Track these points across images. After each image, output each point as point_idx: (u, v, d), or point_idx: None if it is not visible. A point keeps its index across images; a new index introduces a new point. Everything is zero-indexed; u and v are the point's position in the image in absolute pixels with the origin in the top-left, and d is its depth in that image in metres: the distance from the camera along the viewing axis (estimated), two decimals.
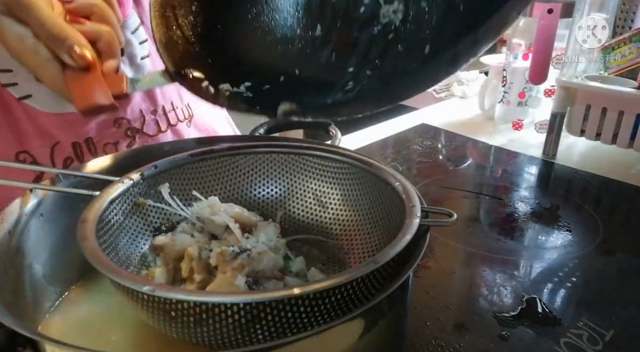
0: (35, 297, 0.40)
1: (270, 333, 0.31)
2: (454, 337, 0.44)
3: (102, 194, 0.39)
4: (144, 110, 0.63)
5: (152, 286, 0.29)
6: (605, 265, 0.56)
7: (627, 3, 1.00)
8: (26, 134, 0.55)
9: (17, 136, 0.55)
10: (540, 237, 0.63)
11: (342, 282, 0.30)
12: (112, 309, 0.41)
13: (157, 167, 0.45)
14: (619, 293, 0.51)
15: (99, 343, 0.38)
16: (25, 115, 0.55)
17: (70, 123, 0.57)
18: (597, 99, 0.81)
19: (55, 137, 0.57)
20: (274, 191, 0.50)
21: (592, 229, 0.63)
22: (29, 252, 0.39)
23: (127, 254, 0.41)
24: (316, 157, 0.49)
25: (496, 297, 0.50)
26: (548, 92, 0.93)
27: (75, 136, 0.58)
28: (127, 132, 0.62)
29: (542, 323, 0.46)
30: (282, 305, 0.30)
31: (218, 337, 0.31)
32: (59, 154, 0.57)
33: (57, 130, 0.57)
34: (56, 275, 0.42)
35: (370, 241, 0.45)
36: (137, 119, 0.63)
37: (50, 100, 0.56)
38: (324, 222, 0.49)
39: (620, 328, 0.45)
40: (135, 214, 0.43)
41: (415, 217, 0.36)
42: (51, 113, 0.56)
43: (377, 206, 0.45)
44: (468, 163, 0.88)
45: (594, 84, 0.82)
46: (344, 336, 0.30)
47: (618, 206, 0.73)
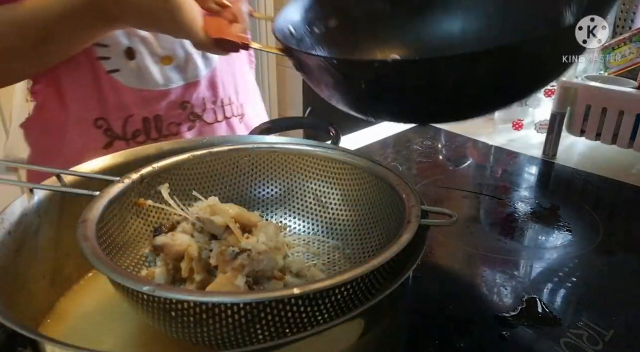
0: (35, 297, 0.40)
1: (270, 333, 0.31)
2: (454, 337, 0.44)
3: (102, 194, 0.39)
4: (206, 98, 0.71)
5: (152, 286, 0.29)
6: (605, 265, 0.56)
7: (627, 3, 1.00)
8: (107, 104, 0.64)
9: (99, 104, 0.64)
10: (540, 237, 0.63)
11: (342, 282, 0.30)
12: (112, 309, 0.41)
13: (157, 167, 0.45)
14: (619, 293, 0.51)
15: (99, 343, 0.38)
16: (110, 87, 0.63)
17: (145, 99, 0.65)
18: (597, 99, 0.81)
19: (130, 110, 0.65)
20: (274, 191, 0.51)
21: (592, 229, 0.63)
22: (29, 252, 0.39)
23: (127, 254, 0.42)
24: (316, 157, 0.49)
25: (496, 297, 0.50)
26: (548, 92, 0.93)
27: (147, 112, 0.66)
28: (190, 116, 0.70)
29: (542, 323, 0.46)
30: (282, 305, 0.30)
31: (218, 337, 0.31)
32: (130, 125, 0.65)
33: (133, 105, 0.65)
34: (56, 275, 0.42)
35: (370, 241, 0.45)
36: (199, 105, 0.70)
37: (133, 77, 0.64)
38: (324, 222, 0.49)
39: (620, 328, 0.45)
40: (135, 214, 0.43)
41: (415, 217, 0.36)
42: (132, 88, 0.64)
43: (377, 206, 0.45)
44: (468, 163, 0.88)
45: (594, 84, 0.82)
46: (344, 336, 0.31)
47: (618, 206, 0.73)
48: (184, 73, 0.68)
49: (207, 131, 0.72)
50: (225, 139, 0.52)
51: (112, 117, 0.65)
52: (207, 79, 0.70)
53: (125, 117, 0.65)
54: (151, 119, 0.66)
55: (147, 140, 0.67)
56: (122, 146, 0.66)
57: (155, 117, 0.67)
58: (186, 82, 0.68)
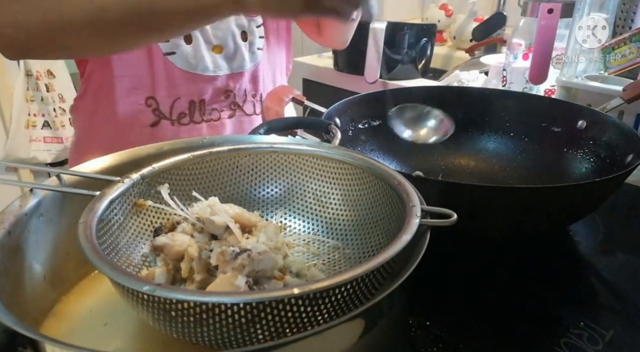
0: (35, 297, 0.40)
1: (270, 333, 0.31)
2: (454, 337, 0.44)
3: (102, 194, 0.39)
4: (247, 90, 0.77)
5: (152, 286, 0.29)
6: (605, 265, 0.56)
7: (627, 3, 0.99)
8: (159, 84, 0.70)
9: (151, 84, 0.69)
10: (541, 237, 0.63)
11: (342, 282, 0.30)
12: (112, 309, 0.41)
13: (157, 167, 0.44)
14: (619, 293, 0.51)
15: (99, 343, 0.38)
16: (164, 68, 0.69)
17: (194, 83, 0.71)
18: (597, 99, 0.81)
19: (179, 92, 0.71)
20: (274, 191, 0.50)
21: (592, 229, 0.63)
22: (29, 252, 0.39)
23: (127, 254, 0.41)
24: (316, 157, 0.49)
25: (496, 297, 0.50)
26: (548, 92, 0.93)
27: (194, 95, 0.72)
28: (231, 105, 0.76)
29: (542, 323, 0.46)
30: (282, 305, 0.30)
31: (218, 337, 0.31)
32: (177, 107, 0.72)
33: (182, 87, 0.71)
34: (56, 275, 0.42)
35: (370, 241, 0.45)
36: (241, 96, 0.77)
37: (187, 61, 0.70)
38: (324, 222, 0.49)
39: (620, 328, 0.45)
40: (136, 214, 0.43)
41: (415, 217, 0.36)
42: (184, 71, 0.70)
43: (377, 206, 0.45)
44: None
45: (594, 84, 0.82)
46: (344, 336, 0.31)
47: (618, 206, 0.73)
48: (231, 63, 0.74)
49: (245, 122, 0.79)
50: (225, 139, 0.52)
51: (161, 97, 0.70)
52: (250, 72, 0.76)
53: (174, 98, 0.71)
54: (197, 102, 0.72)
55: (190, 122, 0.74)
56: (167, 126, 0.73)
57: (201, 101, 0.73)
58: (232, 72, 0.74)
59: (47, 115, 1.75)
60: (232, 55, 0.74)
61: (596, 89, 0.81)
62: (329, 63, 1.40)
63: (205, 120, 0.75)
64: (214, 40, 0.71)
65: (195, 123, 0.74)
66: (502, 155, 0.74)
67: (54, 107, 1.74)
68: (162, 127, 0.73)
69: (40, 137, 1.75)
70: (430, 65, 1.35)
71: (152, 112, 0.71)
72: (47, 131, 1.76)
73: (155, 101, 0.70)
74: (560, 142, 0.70)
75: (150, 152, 0.49)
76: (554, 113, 0.71)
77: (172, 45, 0.68)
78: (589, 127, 0.67)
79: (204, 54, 0.71)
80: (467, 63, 1.38)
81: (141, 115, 0.71)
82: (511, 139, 0.74)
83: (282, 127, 0.64)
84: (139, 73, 0.69)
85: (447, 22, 1.62)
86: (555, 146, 0.70)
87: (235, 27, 0.73)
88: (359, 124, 0.72)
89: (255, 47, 0.76)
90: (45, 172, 1.73)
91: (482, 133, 0.76)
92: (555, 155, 0.70)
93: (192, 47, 0.70)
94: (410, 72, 1.28)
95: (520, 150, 0.73)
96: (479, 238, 0.57)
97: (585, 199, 0.53)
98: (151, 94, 0.70)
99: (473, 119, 0.76)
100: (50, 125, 1.76)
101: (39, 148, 1.75)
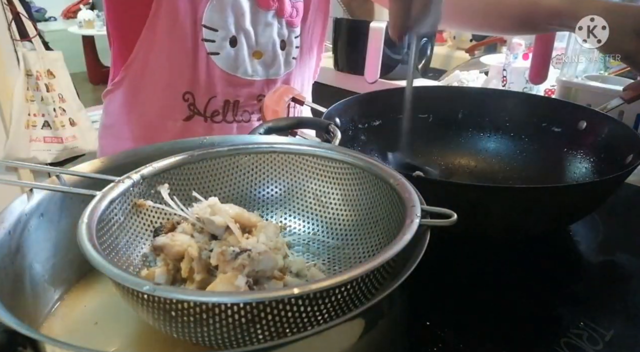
0: (35, 297, 0.40)
1: (270, 333, 0.31)
2: (454, 337, 0.44)
3: (102, 194, 0.39)
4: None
5: (152, 286, 0.29)
6: (605, 265, 0.56)
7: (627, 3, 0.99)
8: (198, 81, 0.72)
9: (191, 80, 0.72)
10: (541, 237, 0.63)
11: (342, 282, 0.30)
12: (112, 309, 0.41)
13: (157, 167, 0.44)
14: (619, 293, 0.51)
15: (99, 343, 0.38)
16: (205, 67, 0.71)
17: (232, 84, 0.74)
18: (597, 99, 0.81)
19: (215, 91, 0.74)
20: (274, 191, 0.50)
21: (592, 229, 0.63)
22: (29, 252, 0.39)
23: (127, 254, 0.41)
24: (316, 157, 0.49)
25: (496, 297, 0.50)
26: (548, 92, 0.93)
27: (230, 96, 0.75)
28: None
29: (542, 323, 0.46)
30: (282, 305, 0.30)
31: (218, 337, 0.31)
32: (212, 105, 0.74)
33: (220, 87, 0.73)
34: (56, 275, 0.42)
35: (370, 241, 0.45)
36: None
37: (229, 62, 0.73)
38: (324, 222, 0.49)
39: (620, 328, 0.45)
40: (136, 214, 0.43)
41: (415, 217, 0.36)
42: (224, 71, 0.73)
43: (377, 206, 0.45)
44: None
45: (594, 84, 0.82)
46: (344, 336, 0.31)
47: (618, 206, 0.73)
48: (268, 69, 0.77)
49: None
50: (225, 139, 0.52)
51: (199, 93, 0.73)
52: (282, 80, 0.80)
53: (210, 97, 0.73)
54: (232, 103, 0.75)
55: (222, 121, 0.77)
56: (200, 122, 0.75)
57: (235, 102, 0.76)
58: (267, 78, 0.78)
59: (47, 115, 1.75)
60: (270, 63, 0.77)
61: (596, 89, 0.81)
62: (329, 63, 1.40)
63: (236, 120, 0.78)
64: (255, 46, 0.75)
65: (227, 122, 0.77)
66: (502, 156, 0.74)
67: (54, 107, 1.75)
68: (195, 123, 0.75)
69: (40, 137, 1.75)
70: (430, 65, 1.35)
71: (188, 107, 0.73)
72: (47, 131, 1.76)
73: (192, 96, 0.73)
74: (560, 142, 0.70)
75: (150, 152, 0.49)
76: (554, 113, 0.71)
77: (217, 46, 0.71)
78: (589, 127, 0.67)
79: (245, 58, 0.74)
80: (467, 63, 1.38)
81: (176, 109, 0.73)
82: (511, 139, 0.74)
83: (282, 127, 0.64)
84: (181, 68, 0.71)
85: None
86: (556, 146, 0.70)
87: (276, 36, 0.76)
88: (359, 124, 0.72)
89: (291, 56, 0.80)
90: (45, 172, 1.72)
91: (481, 133, 0.76)
92: (556, 155, 0.70)
93: (235, 51, 0.73)
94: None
95: (520, 151, 0.73)
96: (479, 238, 0.57)
97: (585, 199, 0.53)
98: (189, 89, 0.72)
99: (473, 119, 0.76)
100: (50, 125, 1.76)
101: (39, 148, 1.75)
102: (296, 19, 0.78)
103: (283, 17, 0.75)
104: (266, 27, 0.74)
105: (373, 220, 0.45)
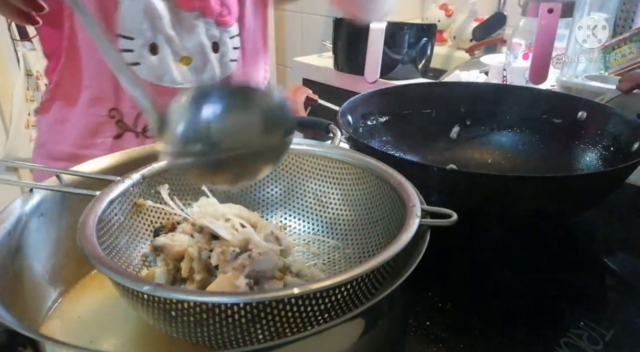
0: (35, 297, 0.40)
1: (270, 333, 0.31)
2: (454, 337, 0.44)
3: (102, 194, 0.39)
4: None
5: (152, 286, 0.29)
6: (605, 265, 0.56)
7: (627, 3, 0.99)
8: (123, 96, 0.67)
9: (115, 95, 0.67)
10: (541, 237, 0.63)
11: (342, 282, 0.30)
12: (112, 309, 0.41)
13: (157, 167, 0.44)
14: (619, 293, 0.51)
15: (99, 343, 0.38)
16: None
17: (160, 94, 0.67)
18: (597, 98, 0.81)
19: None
20: (274, 191, 0.50)
21: (592, 229, 0.63)
22: (29, 252, 0.39)
23: (127, 254, 0.41)
24: (316, 157, 0.49)
25: (496, 297, 0.50)
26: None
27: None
28: None
29: (542, 323, 0.46)
30: (283, 305, 0.30)
31: (218, 337, 0.31)
32: (142, 120, 0.69)
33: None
34: (56, 275, 0.42)
35: (370, 241, 0.45)
36: None
37: (152, 72, 0.67)
38: (324, 222, 0.49)
39: (620, 328, 0.45)
40: (136, 214, 0.43)
41: (415, 217, 0.36)
42: (149, 83, 0.67)
43: (377, 206, 0.45)
44: None
45: (594, 84, 0.82)
46: (344, 336, 0.31)
47: (618, 205, 0.73)
48: (199, 75, 0.71)
49: None
50: None
51: (125, 108, 0.68)
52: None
53: (139, 110, 0.68)
54: None
55: None
56: (132, 139, 0.71)
57: None
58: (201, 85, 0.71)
59: None
60: (201, 67, 0.71)
61: (596, 88, 0.81)
62: (329, 63, 1.40)
63: None
64: (181, 51, 0.69)
65: None
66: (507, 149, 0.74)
67: None
68: (127, 140, 0.70)
69: None
70: (430, 65, 1.35)
71: (116, 124, 0.69)
72: None
73: (118, 113, 0.69)
74: (562, 133, 0.70)
75: (150, 152, 0.49)
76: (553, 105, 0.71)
77: (136, 55, 0.66)
78: (590, 117, 0.67)
79: (171, 65, 0.68)
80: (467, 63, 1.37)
81: (104, 127, 0.69)
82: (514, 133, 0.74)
83: None
84: (102, 84, 0.67)
85: (447, 22, 1.62)
86: (558, 138, 0.70)
87: (205, 38, 0.70)
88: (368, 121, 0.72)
89: (228, 58, 0.74)
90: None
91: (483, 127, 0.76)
92: (560, 146, 0.70)
93: (158, 58, 0.67)
94: (410, 72, 1.28)
95: (523, 143, 0.73)
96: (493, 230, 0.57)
97: (593, 189, 0.53)
98: (115, 105, 0.68)
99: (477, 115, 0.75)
100: None
101: None
102: (228, 17, 0.71)
103: (211, 17, 0.69)
104: (191, 29, 0.68)
105: (373, 220, 0.45)
